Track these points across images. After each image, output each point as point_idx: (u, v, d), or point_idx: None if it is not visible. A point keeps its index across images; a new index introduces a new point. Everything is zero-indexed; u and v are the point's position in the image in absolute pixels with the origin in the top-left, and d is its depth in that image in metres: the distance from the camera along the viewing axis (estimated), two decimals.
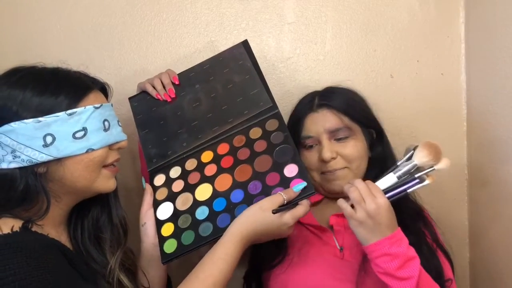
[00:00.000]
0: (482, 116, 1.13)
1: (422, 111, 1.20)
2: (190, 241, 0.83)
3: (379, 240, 0.76)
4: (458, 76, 1.19)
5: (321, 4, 1.18)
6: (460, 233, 1.22)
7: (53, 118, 0.69)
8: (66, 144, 0.70)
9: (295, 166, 0.84)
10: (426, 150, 0.79)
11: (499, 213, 1.07)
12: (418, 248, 0.85)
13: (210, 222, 0.84)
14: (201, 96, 0.98)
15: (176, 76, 0.99)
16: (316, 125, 0.95)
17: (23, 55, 1.15)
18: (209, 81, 0.99)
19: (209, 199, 0.86)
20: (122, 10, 1.17)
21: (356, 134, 0.95)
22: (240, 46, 1.01)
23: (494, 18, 1.05)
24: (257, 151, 0.89)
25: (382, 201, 0.76)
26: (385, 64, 1.19)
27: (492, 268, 1.11)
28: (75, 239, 0.78)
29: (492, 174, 1.09)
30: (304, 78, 1.18)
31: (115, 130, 0.78)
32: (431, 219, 0.97)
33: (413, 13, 1.18)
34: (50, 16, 1.16)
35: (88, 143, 0.72)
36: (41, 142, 0.68)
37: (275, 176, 0.84)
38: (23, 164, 0.68)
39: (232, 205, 0.84)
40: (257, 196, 0.83)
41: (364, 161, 0.96)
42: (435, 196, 1.20)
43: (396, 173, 0.81)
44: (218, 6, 1.18)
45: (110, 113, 0.77)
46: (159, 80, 0.98)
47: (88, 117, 0.72)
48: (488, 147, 1.10)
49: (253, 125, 0.92)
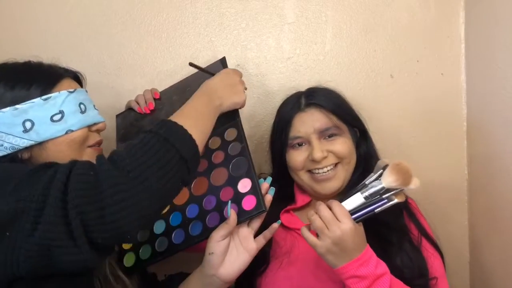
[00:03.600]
0: (482, 116, 1.13)
1: (422, 111, 1.20)
2: (147, 255, 0.85)
3: (347, 264, 0.75)
4: (458, 76, 1.19)
5: (321, 4, 1.18)
6: (460, 233, 1.22)
7: (29, 104, 0.71)
8: (45, 127, 0.72)
9: (249, 181, 0.83)
10: (395, 176, 0.76)
11: (499, 213, 1.07)
12: (399, 246, 0.86)
13: (165, 237, 0.85)
14: (176, 107, 0.98)
15: (157, 91, 1.04)
16: (305, 124, 0.93)
17: (22, 55, 1.16)
18: (185, 92, 1.00)
19: (167, 213, 0.87)
20: (122, 10, 1.17)
21: (345, 133, 0.95)
22: (218, 62, 1.03)
23: (494, 18, 1.05)
24: (215, 163, 0.89)
25: (347, 226, 0.74)
26: (385, 64, 1.19)
27: (492, 268, 1.11)
28: None
29: (492, 174, 1.09)
30: (304, 78, 1.19)
31: (92, 113, 0.79)
32: (417, 211, 0.97)
33: (413, 13, 1.18)
34: (50, 16, 1.16)
35: (66, 124, 0.73)
36: (21, 128, 0.70)
37: (229, 190, 0.84)
38: (6, 151, 0.70)
39: (187, 220, 0.85)
40: (211, 212, 0.83)
41: (353, 158, 0.95)
42: (435, 196, 1.21)
43: (364, 194, 0.78)
44: (218, 6, 1.18)
45: (85, 97, 0.79)
46: (142, 96, 1.03)
47: (64, 100, 0.74)
48: (488, 147, 1.10)
49: (213, 134, 0.88)
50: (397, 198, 0.77)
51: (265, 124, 1.19)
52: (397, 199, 0.77)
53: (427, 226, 0.94)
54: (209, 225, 0.82)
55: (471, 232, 1.21)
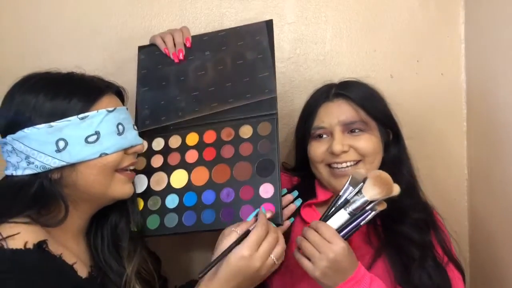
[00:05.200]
0: (482, 116, 1.13)
1: (422, 111, 1.20)
2: (154, 226, 0.83)
3: (342, 284, 0.73)
4: (458, 76, 1.19)
5: (321, 4, 1.18)
6: (460, 233, 1.22)
7: (65, 122, 0.68)
8: (79, 148, 0.69)
9: (272, 187, 0.80)
10: (378, 188, 0.75)
11: (499, 213, 1.07)
12: (421, 262, 0.82)
13: (176, 214, 0.83)
14: (208, 65, 0.94)
15: (189, 36, 0.94)
16: (330, 115, 0.89)
17: (22, 55, 1.16)
18: (220, 51, 0.94)
19: (182, 189, 0.85)
20: (122, 10, 1.17)
21: (372, 130, 0.90)
22: (262, 23, 0.95)
23: (494, 18, 1.05)
24: (241, 154, 0.85)
25: (339, 247, 0.72)
26: (385, 64, 1.19)
27: (492, 268, 1.11)
28: (95, 249, 0.77)
29: (492, 174, 1.09)
30: (304, 78, 1.18)
31: (130, 134, 0.76)
32: (441, 224, 0.93)
33: (413, 13, 1.18)
34: (50, 16, 1.16)
35: (101, 147, 0.70)
36: (53, 147, 0.67)
37: (250, 190, 0.81)
38: (37, 170, 0.67)
39: (202, 205, 0.82)
40: (227, 206, 0.81)
41: (378, 158, 0.90)
42: (435, 196, 1.20)
43: (347, 209, 0.77)
44: (218, 6, 1.17)
45: (124, 117, 0.76)
46: (171, 37, 0.94)
47: (101, 120, 0.71)
48: (488, 147, 1.10)
49: (246, 121, 0.88)
50: (379, 207, 0.77)
51: None
52: (379, 208, 0.77)
53: (452, 246, 0.90)
54: (222, 219, 0.80)
55: (471, 232, 1.21)
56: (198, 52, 0.95)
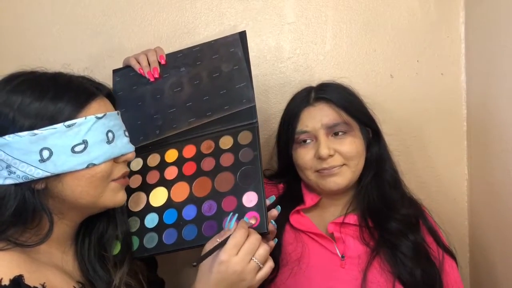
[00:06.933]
0: (482, 116, 1.13)
1: (422, 111, 1.20)
2: (134, 248, 0.79)
3: None
4: (458, 76, 1.19)
5: (321, 4, 1.18)
6: (460, 233, 1.22)
7: (50, 130, 0.63)
8: (64, 158, 0.63)
9: (256, 196, 0.77)
10: None
11: (499, 213, 1.07)
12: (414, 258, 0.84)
13: (156, 233, 0.79)
14: (184, 81, 0.92)
15: (163, 54, 0.93)
16: (313, 119, 0.90)
17: (22, 55, 1.16)
18: (196, 66, 0.93)
19: (162, 207, 0.82)
20: (122, 10, 1.17)
21: (354, 131, 0.91)
22: (236, 34, 0.94)
23: (494, 18, 1.05)
24: (222, 165, 0.83)
25: None
26: (385, 64, 1.19)
27: (492, 268, 1.11)
28: (82, 256, 0.73)
29: (492, 174, 1.09)
30: (304, 78, 1.18)
31: (121, 142, 0.71)
32: (428, 215, 0.95)
33: (413, 13, 1.18)
34: (50, 16, 1.16)
35: (89, 157, 0.65)
36: (37, 157, 0.62)
37: (233, 200, 0.78)
38: (18, 180, 0.62)
39: (182, 221, 0.79)
40: (209, 219, 0.78)
41: (362, 160, 0.92)
42: (435, 196, 1.21)
43: None
44: (218, 6, 1.18)
45: (115, 123, 0.70)
46: (145, 57, 0.93)
47: (89, 128, 0.66)
48: (488, 147, 1.10)
49: (226, 132, 0.86)
50: None
51: (265, 124, 1.18)
52: None
53: (442, 236, 0.93)
54: (205, 233, 0.77)
55: (471, 232, 1.21)
56: (173, 69, 0.94)
